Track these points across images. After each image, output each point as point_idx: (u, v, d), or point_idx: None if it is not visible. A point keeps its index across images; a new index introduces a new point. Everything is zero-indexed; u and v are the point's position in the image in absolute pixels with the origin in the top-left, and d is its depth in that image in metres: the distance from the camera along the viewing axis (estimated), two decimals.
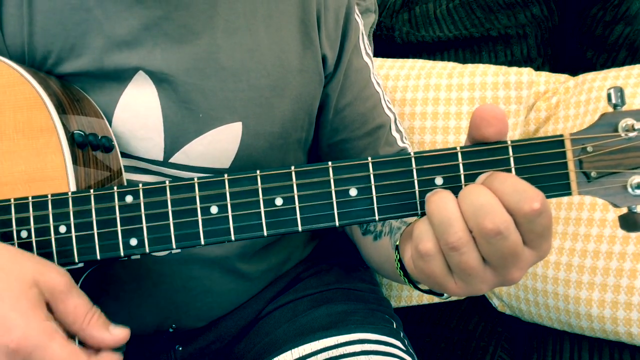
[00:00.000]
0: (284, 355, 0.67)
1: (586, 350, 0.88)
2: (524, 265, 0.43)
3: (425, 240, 0.43)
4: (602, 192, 0.45)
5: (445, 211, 0.42)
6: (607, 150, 0.44)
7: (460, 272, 0.43)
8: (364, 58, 0.74)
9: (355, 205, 0.47)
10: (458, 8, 1.16)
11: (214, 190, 0.47)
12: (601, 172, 0.45)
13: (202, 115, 0.61)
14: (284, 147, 0.67)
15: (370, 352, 0.65)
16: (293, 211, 0.47)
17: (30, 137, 0.52)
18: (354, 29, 0.71)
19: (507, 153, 0.45)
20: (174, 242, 0.48)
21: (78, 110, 0.55)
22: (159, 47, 0.60)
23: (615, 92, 0.44)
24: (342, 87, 0.71)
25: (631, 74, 0.91)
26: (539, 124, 1.00)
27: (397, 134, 0.76)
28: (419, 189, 0.46)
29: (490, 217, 0.41)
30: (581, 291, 0.86)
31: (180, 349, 0.73)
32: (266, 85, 0.64)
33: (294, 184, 0.47)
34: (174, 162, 0.62)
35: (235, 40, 0.63)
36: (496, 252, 0.42)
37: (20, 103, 0.53)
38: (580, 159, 0.45)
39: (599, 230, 0.86)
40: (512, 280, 0.44)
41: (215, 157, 0.63)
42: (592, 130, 0.45)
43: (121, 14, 0.59)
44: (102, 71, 0.59)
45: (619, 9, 1.05)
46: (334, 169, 0.47)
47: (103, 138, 0.56)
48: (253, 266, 0.73)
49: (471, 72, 1.01)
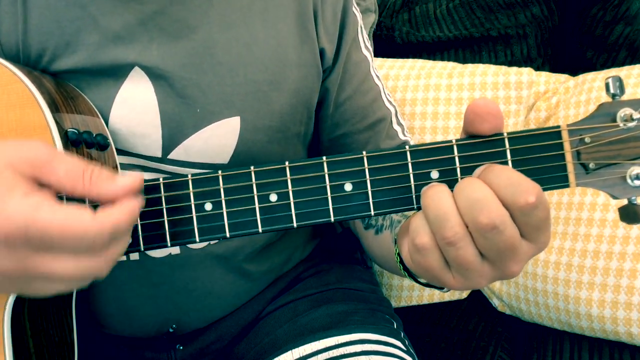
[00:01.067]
0: (284, 355, 0.67)
1: (586, 350, 0.88)
2: (522, 258, 0.42)
3: (422, 234, 0.43)
4: (601, 183, 0.44)
5: (441, 206, 0.42)
6: (605, 140, 0.43)
7: (458, 266, 0.43)
8: (362, 51, 0.74)
9: (351, 200, 0.46)
10: (458, 8, 1.16)
11: (208, 187, 0.47)
12: (600, 163, 0.44)
13: (199, 110, 0.61)
14: (283, 141, 0.67)
15: (371, 352, 0.65)
16: (288, 207, 0.47)
17: (24, 135, 0.52)
18: (352, 23, 0.71)
19: (503, 145, 0.45)
20: (169, 239, 0.47)
21: (72, 109, 0.55)
22: (154, 42, 0.60)
23: (614, 82, 0.44)
24: (342, 80, 0.70)
25: (631, 74, 0.92)
26: (539, 124, 1.00)
27: (399, 127, 0.76)
28: (415, 183, 0.46)
29: (485, 211, 0.40)
30: (581, 291, 0.86)
31: (181, 348, 0.73)
32: (264, 80, 0.64)
33: (289, 179, 0.46)
34: (173, 159, 0.62)
35: (231, 34, 0.62)
36: (493, 246, 0.41)
37: (13, 102, 0.52)
38: (578, 150, 0.44)
39: (599, 230, 0.86)
40: (511, 274, 0.43)
41: (214, 153, 0.63)
42: (590, 120, 0.44)
43: (116, 9, 0.59)
44: (98, 67, 0.59)
45: (619, 9, 1.05)
46: (328, 164, 0.46)
47: (98, 136, 0.56)
48: (254, 266, 0.73)
49: (471, 72, 1.01)
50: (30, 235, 0.38)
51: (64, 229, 0.39)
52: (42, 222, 0.38)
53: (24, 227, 0.38)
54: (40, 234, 0.38)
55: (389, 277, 1.02)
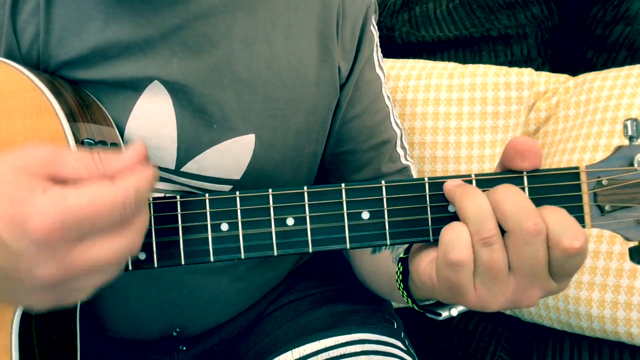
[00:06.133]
0: (285, 355, 0.67)
1: (586, 350, 0.88)
2: (543, 286, 0.43)
3: (458, 248, 0.42)
4: (615, 225, 0.45)
5: (483, 205, 0.42)
6: (622, 184, 0.44)
7: (488, 272, 0.42)
8: (376, 70, 0.72)
9: (367, 229, 0.46)
10: (458, 8, 1.16)
11: (225, 207, 0.47)
12: (615, 205, 0.45)
13: (216, 126, 0.60)
14: (297, 159, 0.66)
15: (371, 352, 0.65)
16: (304, 232, 0.46)
17: (40, 144, 0.52)
18: (368, 41, 0.70)
19: (522, 183, 0.45)
20: (183, 258, 0.47)
21: (88, 118, 0.55)
22: (176, 57, 0.59)
23: (632, 124, 0.44)
24: (352, 98, 0.69)
25: (631, 74, 0.92)
26: (539, 124, 1.00)
27: (402, 151, 0.75)
28: (432, 216, 0.46)
29: (532, 217, 0.41)
30: (581, 291, 0.86)
31: (184, 348, 0.73)
32: (282, 98, 0.63)
33: (306, 204, 0.46)
34: (186, 172, 0.61)
35: (253, 50, 0.61)
36: (530, 254, 0.41)
37: (30, 110, 0.52)
38: (595, 192, 0.45)
39: (599, 230, 0.86)
40: (528, 299, 0.43)
41: (227, 168, 0.62)
42: (607, 163, 0.45)
43: (138, 23, 0.58)
44: (117, 80, 0.58)
45: (619, 9, 1.05)
46: (347, 191, 0.46)
47: (112, 145, 0.56)
48: (260, 274, 0.73)
49: (472, 72, 1.01)
50: (67, 224, 0.38)
51: (96, 205, 0.38)
52: (74, 207, 0.38)
53: (60, 219, 0.37)
54: (76, 219, 0.38)
55: None
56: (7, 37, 0.57)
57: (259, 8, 0.62)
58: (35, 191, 0.38)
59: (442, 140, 0.98)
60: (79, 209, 0.38)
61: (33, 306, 0.42)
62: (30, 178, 0.39)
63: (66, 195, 0.38)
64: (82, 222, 0.38)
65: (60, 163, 0.40)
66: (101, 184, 0.39)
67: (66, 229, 0.38)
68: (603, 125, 0.89)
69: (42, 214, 0.37)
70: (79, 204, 0.38)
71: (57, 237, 0.38)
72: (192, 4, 0.59)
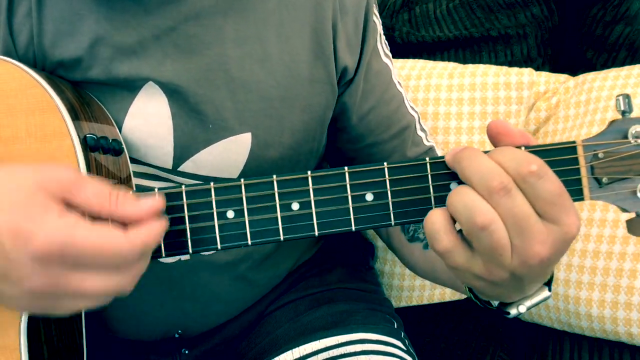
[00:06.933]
0: (285, 354, 0.67)
1: (586, 351, 0.88)
2: (543, 239, 0.41)
3: (480, 209, 0.41)
4: (613, 197, 0.46)
5: (484, 161, 0.42)
6: (617, 156, 0.46)
7: (516, 222, 0.41)
8: (383, 59, 0.72)
9: (372, 211, 0.47)
10: (458, 8, 1.16)
11: (230, 195, 0.47)
12: (612, 177, 0.46)
13: (211, 125, 0.60)
14: (294, 157, 0.66)
15: (371, 352, 0.65)
16: (309, 216, 0.47)
17: (43, 140, 0.52)
18: (372, 31, 0.69)
19: None
20: (190, 247, 0.48)
21: (89, 114, 0.55)
22: (169, 58, 0.59)
23: (623, 99, 0.46)
24: (364, 92, 0.69)
25: (631, 74, 0.92)
26: (539, 124, 1.00)
27: (422, 133, 0.75)
28: (434, 195, 0.47)
29: (497, 177, 0.41)
30: (581, 291, 0.86)
31: (187, 352, 0.73)
32: (276, 96, 0.63)
33: (311, 188, 0.47)
34: (183, 171, 0.62)
35: (245, 50, 0.61)
36: (511, 209, 0.41)
37: (32, 107, 0.52)
38: (592, 165, 0.46)
39: (598, 230, 0.86)
40: (535, 254, 0.42)
41: (224, 167, 0.62)
42: (602, 136, 0.46)
43: (130, 24, 0.58)
44: (112, 80, 0.58)
45: (619, 9, 1.05)
46: (350, 174, 0.47)
47: (113, 141, 0.56)
48: (261, 273, 0.73)
49: (472, 72, 1.01)
50: (67, 253, 0.40)
51: (101, 247, 0.41)
52: (80, 240, 0.40)
53: (63, 246, 0.40)
54: (77, 252, 0.40)
55: (390, 278, 1.02)
56: (3, 40, 0.58)
57: (250, 7, 0.62)
58: (48, 212, 0.40)
59: (442, 140, 0.98)
60: (83, 243, 0.40)
61: (22, 310, 0.45)
62: (46, 197, 0.41)
63: (78, 227, 0.40)
64: (81, 255, 0.40)
65: (78, 191, 0.42)
66: (114, 230, 0.42)
67: (65, 256, 0.40)
68: (603, 125, 0.89)
69: (48, 236, 0.40)
70: (86, 240, 0.40)
71: (54, 259, 0.40)
72: (183, 5, 0.59)
